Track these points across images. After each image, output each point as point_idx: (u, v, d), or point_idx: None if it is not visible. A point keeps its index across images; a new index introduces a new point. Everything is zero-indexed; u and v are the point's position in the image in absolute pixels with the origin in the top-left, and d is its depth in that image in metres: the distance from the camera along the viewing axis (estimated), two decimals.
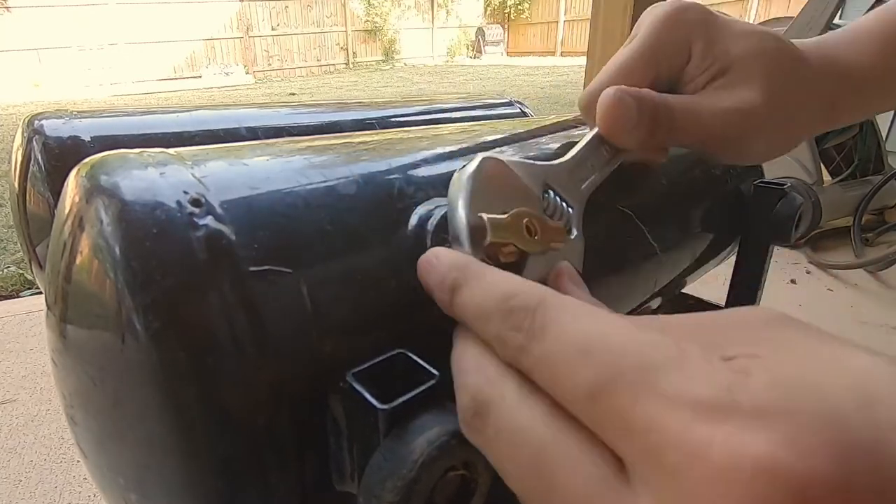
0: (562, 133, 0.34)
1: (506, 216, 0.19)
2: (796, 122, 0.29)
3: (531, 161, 0.21)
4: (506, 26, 12.68)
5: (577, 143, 0.25)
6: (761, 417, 0.09)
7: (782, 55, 0.27)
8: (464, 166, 0.19)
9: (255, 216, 0.18)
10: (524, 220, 0.19)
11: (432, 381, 0.16)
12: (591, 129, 0.25)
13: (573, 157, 0.24)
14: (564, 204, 0.22)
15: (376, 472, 0.15)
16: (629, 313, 0.34)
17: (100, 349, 0.17)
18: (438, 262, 0.17)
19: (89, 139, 0.36)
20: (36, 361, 1.11)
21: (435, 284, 0.17)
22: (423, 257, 0.18)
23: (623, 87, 0.24)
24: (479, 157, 0.19)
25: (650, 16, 0.28)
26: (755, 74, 0.26)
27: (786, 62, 0.27)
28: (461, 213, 0.18)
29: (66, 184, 0.19)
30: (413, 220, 0.21)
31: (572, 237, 0.22)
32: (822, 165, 1.46)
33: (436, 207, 0.21)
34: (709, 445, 0.09)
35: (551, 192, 0.22)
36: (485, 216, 0.18)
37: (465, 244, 0.18)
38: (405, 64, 11.01)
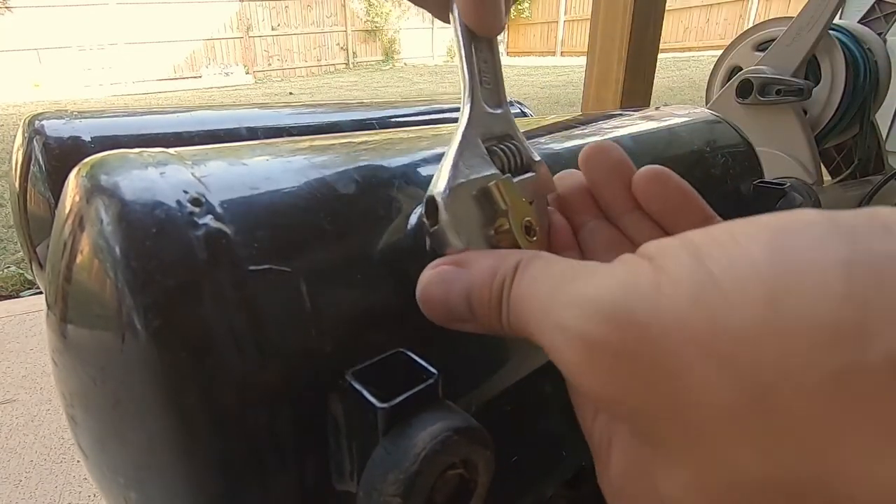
0: (562, 133, 0.34)
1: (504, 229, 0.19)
2: None
3: (460, 146, 0.20)
4: (506, 26, 12.67)
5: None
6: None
7: None
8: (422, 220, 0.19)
9: (254, 216, 0.18)
10: (523, 222, 0.19)
11: (432, 380, 0.16)
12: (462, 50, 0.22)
13: (472, 91, 0.22)
14: (512, 145, 0.22)
15: (378, 465, 0.15)
16: None
17: (100, 349, 0.17)
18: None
19: (89, 139, 0.36)
20: (36, 361, 1.11)
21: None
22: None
23: None
24: (424, 202, 0.19)
25: None
26: None
27: None
28: (456, 245, 0.18)
29: (66, 184, 0.19)
30: (412, 219, 0.21)
31: (537, 161, 0.22)
32: (822, 165, 1.46)
33: None
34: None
35: (497, 147, 0.21)
36: None
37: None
38: (405, 64, 11.01)
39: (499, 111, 0.22)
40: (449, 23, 0.22)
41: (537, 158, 0.22)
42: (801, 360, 0.10)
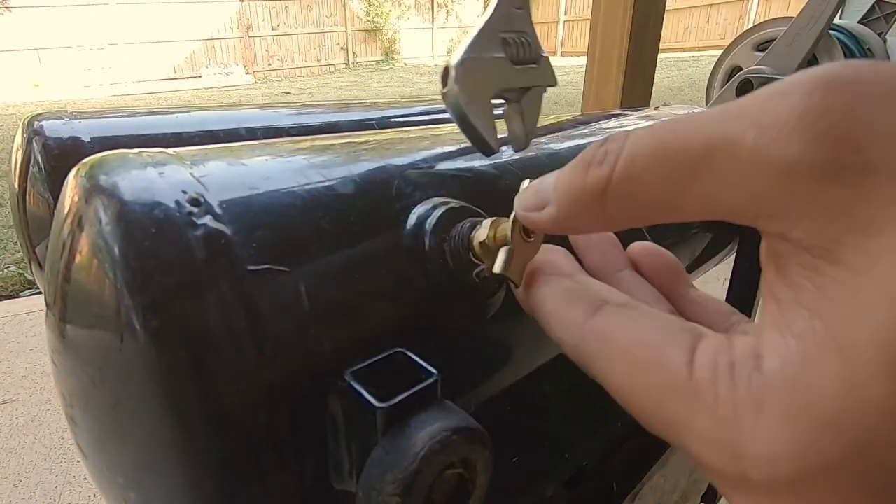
0: (562, 133, 0.34)
1: (506, 218, 0.19)
2: None
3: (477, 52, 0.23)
4: None
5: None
6: None
7: None
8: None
9: (253, 216, 0.18)
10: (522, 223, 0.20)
11: (431, 380, 0.16)
12: None
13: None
14: (523, 39, 0.25)
15: (377, 464, 0.15)
16: None
17: (99, 349, 0.17)
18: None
19: (89, 140, 0.36)
20: (36, 361, 1.11)
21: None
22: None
23: None
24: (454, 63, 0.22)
25: None
26: None
27: None
28: (464, 104, 0.22)
29: (65, 184, 0.19)
30: (412, 219, 0.21)
31: (543, 56, 0.26)
32: None
33: (434, 207, 0.21)
34: None
35: (511, 38, 0.24)
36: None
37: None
38: (405, 64, 11.01)
39: (520, 11, 0.26)
40: None
41: (544, 54, 0.26)
42: None
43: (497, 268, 0.18)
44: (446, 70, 0.22)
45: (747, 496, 0.12)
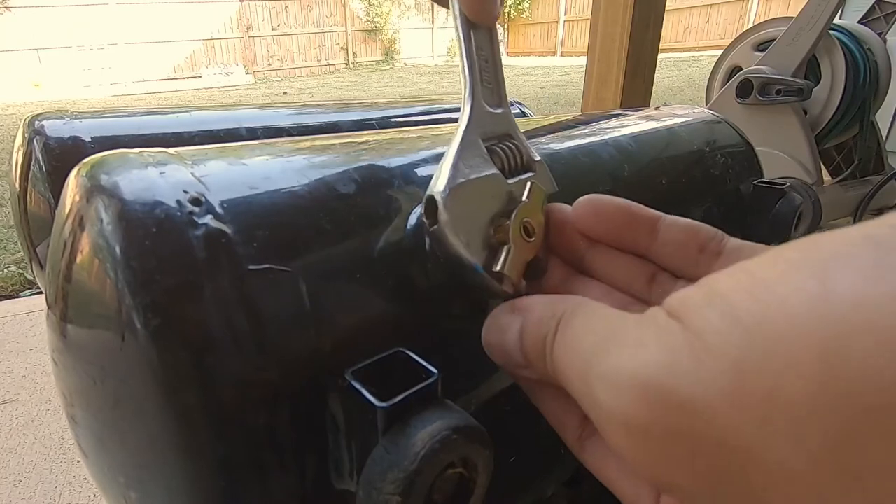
0: (562, 133, 0.34)
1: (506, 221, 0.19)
2: None
3: (453, 162, 0.20)
4: (506, 26, 12.68)
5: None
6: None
7: None
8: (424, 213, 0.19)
9: (254, 215, 0.18)
10: (522, 223, 0.19)
11: (431, 379, 0.16)
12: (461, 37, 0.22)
13: (472, 90, 0.22)
14: (512, 145, 0.22)
15: (378, 464, 0.15)
16: None
17: (100, 348, 0.17)
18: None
19: (90, 139, 0.36)
20: (36, 361, 1.11)
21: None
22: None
23: None
24: (424, 202, 0.19)
25: None
26: None
27: None
28: (467, 259, 0.18)
29: (66, 183, 0.19)
30: (412, 219, 0.21)
31: (536, 160, 0.22)
32: (822, 165, 1.46)
33: None
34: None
35: (497, 147, 0.21)
36: (505, 274, 0.18)
37: (493, 288, 0.19)
38: (405, 64, 11.00)
39: (499, 111, 0.22)
40: (449, 8, 0.23)
41: (537, 158, 0.23)
42: (877, 424, 0.09)
43: (497, 266, 0.18)
44: (431, 202, 0.18)
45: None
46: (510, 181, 0.21)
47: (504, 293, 0.19)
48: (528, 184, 0.21)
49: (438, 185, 0.18)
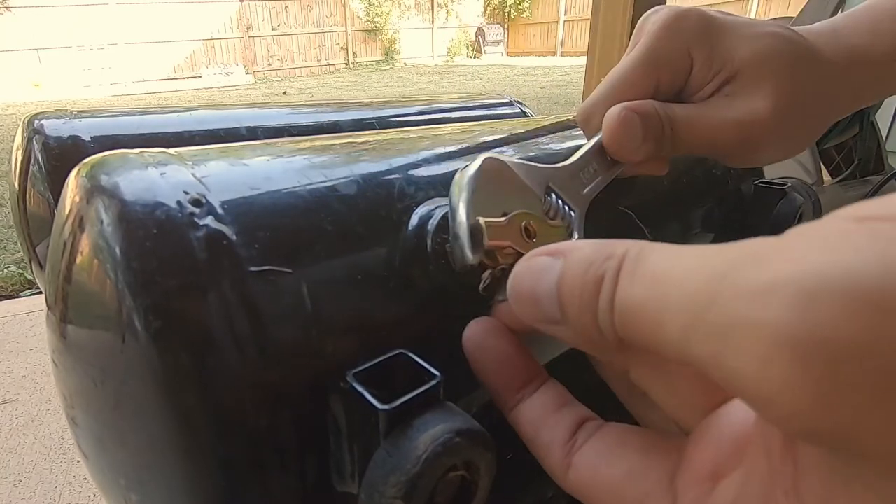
0: (562, 133, 0.34)
1: (504, 219, 0.19)
2: (812, 122, 0.28)
3: (534, 163, 0.21)
4: (506, 26, 12.69)
5: (579, 147, 0.25)
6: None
7: (796, 57, 0.26)
8: (466, 166, 0.19)
9: (255, 216, 0.18)
10: (522, 223, 0.19)
11: (433, 382, 0.16)
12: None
13: (576, 161, 0.24)
14: (567, 207, 0.22)
15: (380, 467, 0.15)
16: None
17: (100, 349, 0.17)
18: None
19: (89, 139, 0.36)
20: (36, 361, 1.11)
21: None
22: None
23: (628, 104, 0.24)
24: (481, 157, 0.19)
25: (647, 23, 0.27)
26: (765, 80, 0.25)
27: (800, 64, 0.26)
28: (462, 214, 0.18)
29: (66, 184, 0.19)
30: (413, 220, 0.21)
31: (574, 240, 0.22)
32: (822, 165, 1.46)
33: (436, 207, 0.21)
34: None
35: (553, 195, 0.22)
36: (482, 219, 0.18)
37: (466, 245, 0.18)
38: (405, 64, 11.01)
39: (573, 189, 0.23)
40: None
41: (577, 236, 0.22)
42: None
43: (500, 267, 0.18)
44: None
45: None
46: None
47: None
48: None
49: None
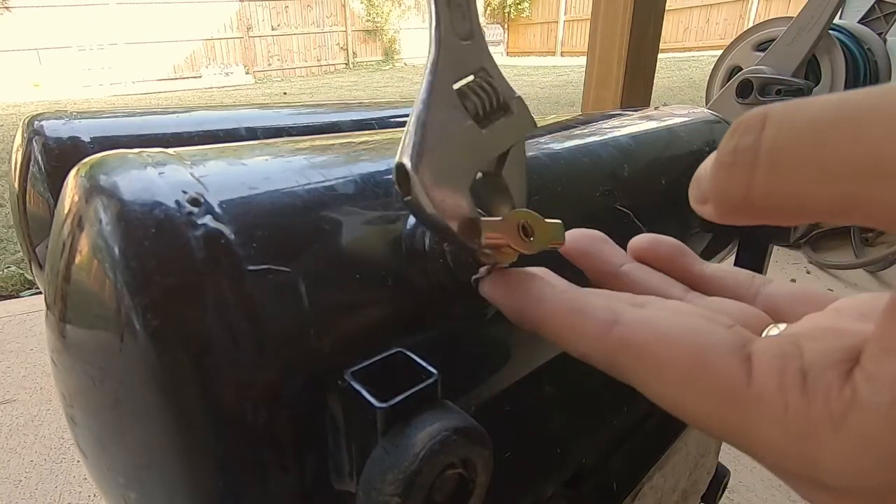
0: (562, 133, 0.34)
1: (500, 218, 0.19)
2: None
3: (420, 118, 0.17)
4: (506, 26, 12.68)
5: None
6: None
7: None
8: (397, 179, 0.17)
9: (253, 216, 0.18)
10: (520, 221, 0.19)
11: (431, 380, 0.16)
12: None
13: (438, 18, 0.19)
14: (486, 84, 0.19)
15: (377, 464, 0.15)
16: None
17: (99, 349, 0.17)
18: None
19: (89, 140, 0.36)
20: (36, 361, 1.11)
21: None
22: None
23: None
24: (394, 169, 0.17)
25: None
26: None
27: None
28: (433, 213, 0.17)
29: (65, 184, 0.19)
30: (411, 219, 0.21)
31: (515, 98, 0.20)
32: None
33: None
34: None
35: (470, 89, 0.19)
36: (482, 219, 0.18)
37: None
38: (405, 64, 11.00)
39: (469, 42, 0.19)
40: None
41: (516, 95, 0.20)
42: None
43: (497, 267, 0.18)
44: (402, 171, 0.16)
45: (823, 493, 0.12)
46: (485, 130, 0.18)
47: (482, 251, 0.18)
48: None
49: (407, 151, 0.16)
